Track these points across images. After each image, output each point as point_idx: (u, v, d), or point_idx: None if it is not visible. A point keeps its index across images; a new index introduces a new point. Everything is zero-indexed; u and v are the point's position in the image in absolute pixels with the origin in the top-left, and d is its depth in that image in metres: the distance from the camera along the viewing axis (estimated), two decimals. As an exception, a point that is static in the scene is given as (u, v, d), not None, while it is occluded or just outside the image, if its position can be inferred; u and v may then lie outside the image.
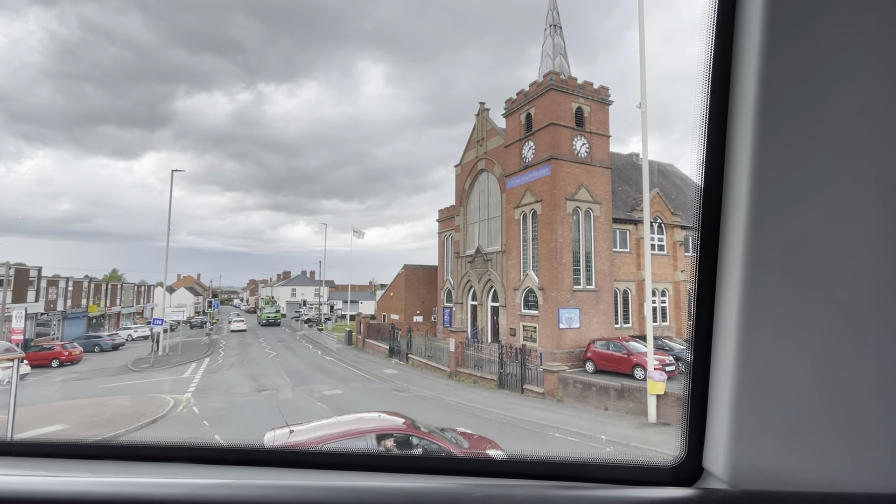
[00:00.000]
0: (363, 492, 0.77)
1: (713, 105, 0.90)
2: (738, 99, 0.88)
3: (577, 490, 0.84)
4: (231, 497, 0.72)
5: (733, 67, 0.87)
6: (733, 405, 0.86)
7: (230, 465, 1.02)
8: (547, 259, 24.80)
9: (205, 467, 0.99)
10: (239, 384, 21.55)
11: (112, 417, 15.40)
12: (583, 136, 25.73)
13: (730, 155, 0.90)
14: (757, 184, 0.83)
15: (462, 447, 8.23)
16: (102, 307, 51.21)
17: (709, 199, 0.92)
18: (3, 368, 18.37)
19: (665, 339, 23.08)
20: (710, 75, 0.89)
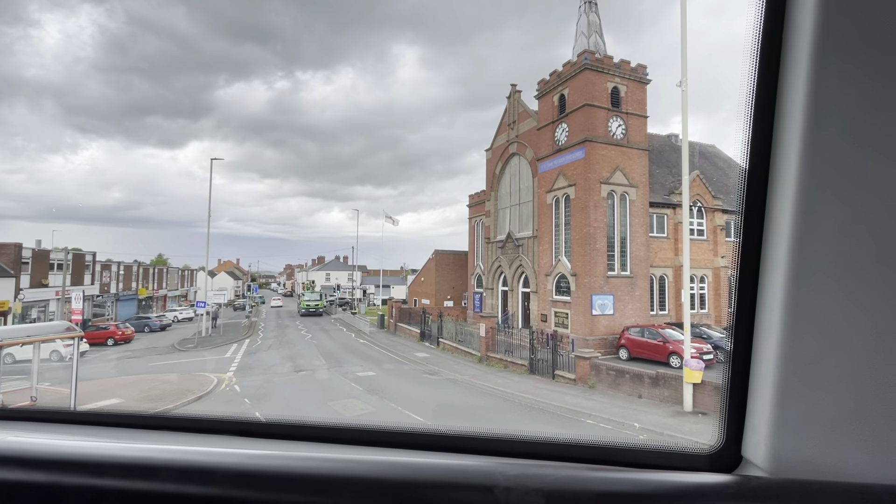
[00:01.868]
0: (397, 466, 0.80)
1: (761, 80, 0.86)
2: (788, 73, 0.83)
3: (609, 472, 0.84)
4: (274, 467, 0.77)
5: (784, 39, 0.82)
6: (776, 393, 0.84)
7: (272, 439, 1.08)
8: (580, 244, 24.35)
9: (249, 440, 1.06)
10: (277, 364, 22.44)
11: (162, 393, 16.39)
12: (619, 117, 24.88)
13: (777, 133, 0.85)
14: (806, 164, 0.79)
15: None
16: (150, 290, 54.14)
17: (753, 181, 0.89)
18: (65, 346, 19.80)
19: (703, 326, 22.37)
20: (759, 48, 0.84)
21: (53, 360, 20.24)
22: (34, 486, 0.74)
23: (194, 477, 0.74)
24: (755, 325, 0.90)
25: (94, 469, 0.75)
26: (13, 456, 0.76)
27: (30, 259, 33.47)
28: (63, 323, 17.91)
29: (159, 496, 0.73)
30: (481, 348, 23.42)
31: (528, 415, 14.47)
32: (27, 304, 32.75)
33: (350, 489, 0.75)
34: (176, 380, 19.07)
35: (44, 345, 13.19)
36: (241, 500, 0.73)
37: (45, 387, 13.64)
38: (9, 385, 12.78)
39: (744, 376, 0.92)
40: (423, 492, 0.76)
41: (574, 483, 0.79)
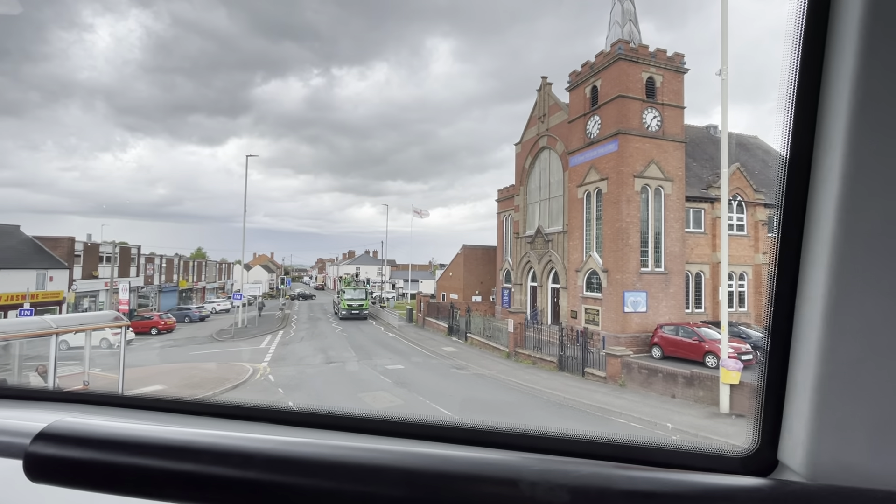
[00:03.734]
0: (424, 457, 0.81)
1: (804, 67, 0.81)
2: (832, 59, 0.78)
3: (637, 471, 0.83)
4: (308, 454, 0.80)
5: (829, 22, 0.78)
6: (816, 395, 0.80)
7: (305, 428, 1.12)
8: (612, 240, 23.82)
9: (283, 428, 1.11)
10: (309, 356, 23.04)
11: (202, 381, 17.13)
12: (654, 109, 24.10)
13: (821, 123, 0.81)
14: (850, 155, 0.74)
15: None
16: (190, 282, 56.52)
17: (794, 173, 0.84)
18: (114, 334, 20.93)
19: (742, 325, 21.50)
20: (802, 32, 0.80)
21: (103, 347, 21.46)
22: (87, 463, 0.80)
23: (234, 460, 0.79)
24: (794, 324, 0.86)
25: (142, 449, 0.81)
26: (69, 434, 0.83)
27: (81, 252, 35.53)
28: (111, 312, 18.94)
29: (201, 477, 0.78)
30: (509, 344, 23.32)
31: (557, 412, 14.33)
32: (79, 294, 34.81)
33: (379, 477, 0.77)
34: (214, 368, 19.88)
35: (94, 333, 14.01)
36: (277, 483, 0.77)
37: (96, 372, 14.50)
38: (64, 370, 13.65)
39: (781, 377, 0.88)
40: (450, 482, 0.77)
41: (600, 480, 0.78)
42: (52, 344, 11.17)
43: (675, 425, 12.58)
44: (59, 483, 0.81)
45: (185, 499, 0.79)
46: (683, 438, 11.79)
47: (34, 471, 0.81)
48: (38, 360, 13.58)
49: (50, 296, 31.07)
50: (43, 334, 11.18)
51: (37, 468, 0.82)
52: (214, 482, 0.77)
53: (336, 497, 0.76)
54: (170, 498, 0.79)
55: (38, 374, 13.04)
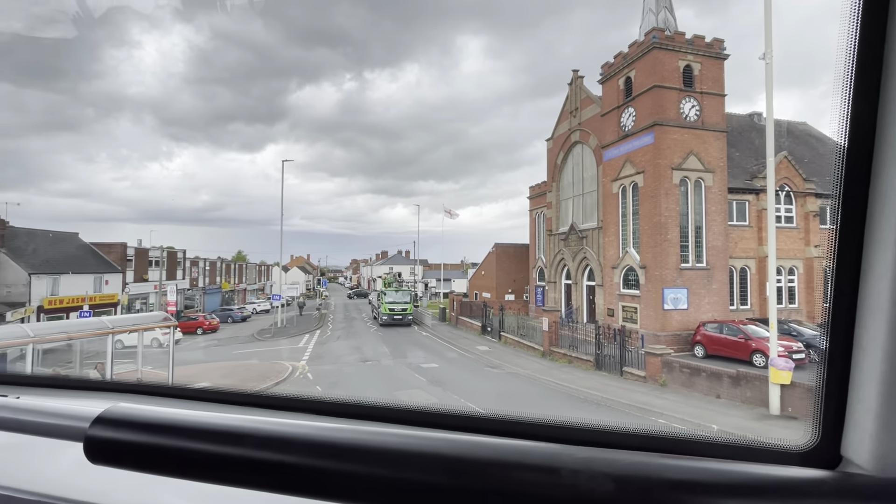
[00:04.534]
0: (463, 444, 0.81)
1: (863, 45, 0.76)
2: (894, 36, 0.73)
3: (686, 461, 0.79)
4: (346, 441, 0.83)
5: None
6: (882, 388, 0.75)
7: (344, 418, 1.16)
8: (649, 235, 23.09)
9: (323, 418, 1.15)
10: (345, 354, 23.53)
11: (245, 378, 17.81)
12: (692, 98, 23.18)
13: (883, 107, 0.76)
14: None
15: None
16: (232, 284, 58.81)
17: (854, 161, 0.79)
18: (163, 334, 22.06)
19: (793, 322, 20.38)
20: (861, 7, 0.75)
21: (154, 346, 22.67)
22: (138, 445, 0.87)
23: (274, 445, 0.82)
24: (857, 316, 0.81)
25: (189, 433, 0.86)
26: (123, 419, 0.90)
27: (133, 257, 37.63)
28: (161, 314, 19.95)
29: (243, 460, 0.82)
30: (544, 343, 23.03)
31: (595, 411, 14.05)
32: (132, 296, 36.89)
33: (418, 463, 0.78)
34: (256, 366, 20.64)
35: (145, 333, 14.83)
36: (316, 468, 0.80)
37: (148, 370, 15.34)
38: (119, 367, 14.51)
39: (843, 371, 0.83)
40: (489, 469, 0.77)
41: (646, 469, 0.75)
42: (109, 343, 11.91)
43: (721, 426, 12.08)
44: (115, 464, 0.87)
45: (229, 481, 0.83)
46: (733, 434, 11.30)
47: (93, 452, 0.88)
48: (96, 357, 14.50)
49: (106, 298, 33.09)
50: (100, 334, 11.93)
51: (95, 450, 0.88)
52: (256, 465, 0.81)
53: (375, 482, 0.78)
54: (215, 479, 0.84)
55: (97, 371, 13.93)
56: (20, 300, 26.55)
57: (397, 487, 0.77)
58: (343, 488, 0.79)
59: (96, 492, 1.07)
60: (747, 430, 11.74)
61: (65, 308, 29.18)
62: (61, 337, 11.69)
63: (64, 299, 29.43)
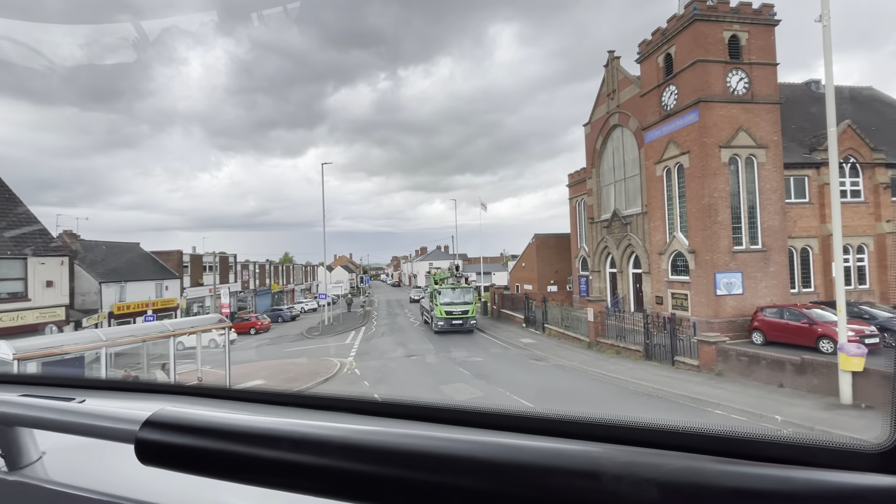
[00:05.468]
0: (500, 447, 0.79)
1: None
2: None
3: (742, 466, 0.71)
4: (381, 443, 0.83)
5: None
6: None
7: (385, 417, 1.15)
8: (698, 218, 22.00)
9: (365, 417, 1.15)
10: (390, 350, 23.95)
11: (296, 375, 18.51)
12: (740, 70, 21.78)
13: None
14: None
15: None
16: (281, 285, 61.20)
17: None
18: (219, 335, 23.27)
19: (864, 305, 18.85)
20: None
21: (211, 347, 23.96)
22: (185, 447, 0.90)
23: (308, 447, 0.83)
24: None
25: (231, 435, 0.89)
26: (169, 422, 0.95)
27: (188, 263, 39.88)
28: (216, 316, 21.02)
29: (279, 463, 0.84)
30: (590, 333, 22.50)
31: (646, 403, 13.60)
32: (189, 300, 39.14)
33: (455, 466, 0.76)
34: (306, 363, 21.39)
35: (203, 334, 15.69)
36: (349, 471, 0.79)
37: (207, 369, 16.23)
38: (182, 367, 15.44)
39: None
40: (526, 473, 0.73)
41: (696, 475, 0.68)
42: (171, 345, 12.69)
43: (786, 417, 11.37)
44: (163, 465, 0.91)
45: (271, 483, 0.84)
46: (797, 432, 10.61)
47: (143, 454, 0.92)
48: (160, 358, 15.50)
49: (167, 303, 35.28)
50: (163, 336, 12.73)
51: (145, 452, 0.92)
52: (289, 467, 0.82)
53: (408, 485, 0.77)
54: (257, 482, 0.86)
55: (163, 371, 14.90)
56: (93, 307, 28.81)
57: (430, 491, 0.76)
58: (375, 492, 0.78)
59: (153, 492, 1.13)
60: (815, 422, 10.99)
61: (131, 313, 31.39)
62: (130, 340, 12.57)
63: (130, 305, 31.66)
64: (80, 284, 28.43)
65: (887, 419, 0.79)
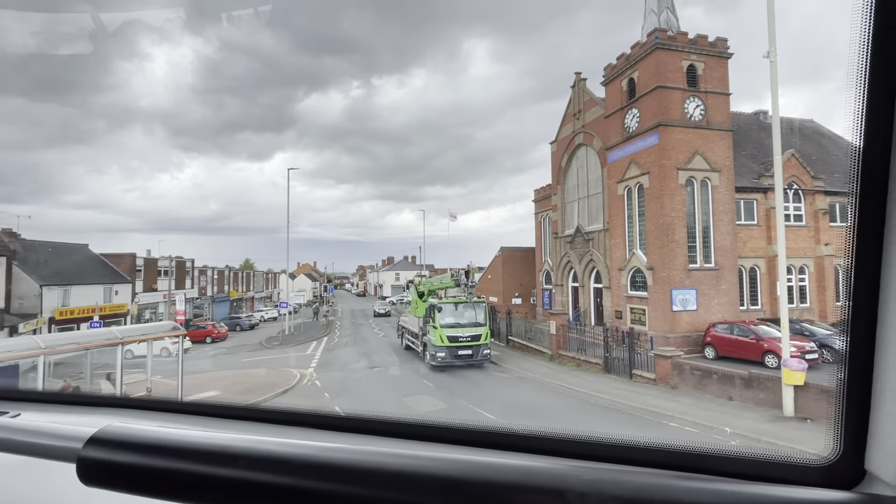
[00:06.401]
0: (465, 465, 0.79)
1: (877, 43, 0.74)
2: None
3: (701, 482, 0.75)
4: (344, 460, 0.80)
5: None
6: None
7: (347, 432, 1.13)
8: (656, 236, 22.94)
9: (325, 433, 1.13)
10: (353, 361, 23.51)
11: (253, 386, 17.84)
12: (696, 97, 23.07)
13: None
14: None
15: None
16: (240, 292, 59.11)
17: (870, 157, 0.77)
18: (172, 343, 22.18)
19: (805, 322, 20.10)
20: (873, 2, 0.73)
21: (163, 355, 22.79)
22: (133, 467, 0.84)
23: (269, 466, 0.80)
24: (878, 318, 0.78)
25: (184, 453, 0.83)
26: (116, 439, 0.88)
27: (142, 267, 37.95)
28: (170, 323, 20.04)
29: (235, 482, 0.79)
30: (552, 346, 22.88)
31: (605, 416, 13.91)
32: (141, 306, 37.17)
33: (418, 485, 0.75)
34: (264, 374, 20.66)
35: (155, 342, 14.91)
36: (311, 490, 0.77)
37: (158, 379, 15.41)
38: (130, 377, 14.59)
39: (866, 377, 0.80)
40: (491, 491, 0.74)
41: (658, 491, 0.71)
42: (119, 353, 11.98)
43: (734, 430, 11.90)
44: (109, 486, 0.85)
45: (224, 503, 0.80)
46: (745, 444, 11.12)
47: (86, 474, 0.85)
48: (107, 367, 14.59)
49: (116, 308, 33.36)
50: (110, 344, 12.01)
51: (88, 472, 0.85)
52: (247, 487, 0.78)
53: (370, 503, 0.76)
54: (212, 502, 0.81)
55: (108, 381, 14.01)
56: (32, 311, 26.84)
57: None
58: None
59: None
60: (762, 434, 11.56)
61: (76, 319, 29.45)
62: (72, 348, 11.78)
63: (75, 310, 29.72)
64: (18, 287, 26.49)
65: (831, 434, 0.85)
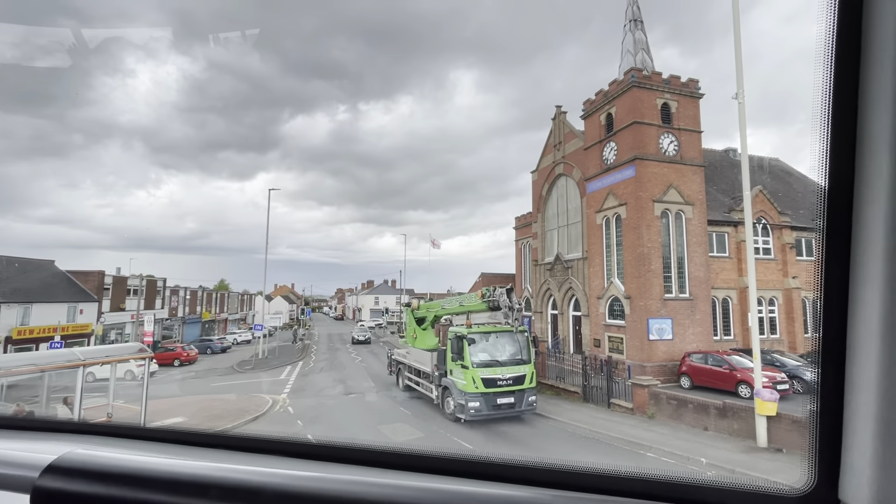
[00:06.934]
0: (444, 494, 0.77)
1: (838, 88, 0.79)
2: (868, 79, 0.77)
3: None
4: (318, 490, 0.77)
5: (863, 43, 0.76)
6: (879, 427, 0.74)
7: (320, 461, 1.09)
8: (633, 266, 23.41)
9: (299, 461, 1.08)
10: (328, 387, 22.88)
11: (222, 413, 17.12)
12: (670, 134, 24.06)
13: (861, 146, 0.78)
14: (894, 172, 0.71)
15: None
16: (213, 314, 57.39)
17: (836, 194, 0.81)
18: (138, 366, 21.26)
19: (775, 353, 20.58)
20: (834, 54, 0.78)
21: (127, 378, 21.77)
22: (93, 498, 0.78)
23: (241, 496, 0.76)
24: (847, 350, 0.81)
25: (148, 483, 0.79)
26: (76, 468, 0.82)
27: (110, 285, 36.61)
28: (136, 344, 19.25)
29: None
30: (531, 374, 22.73)
31: (584, 445, 13.79)
32: (107, 326, 35.66)
33: None
34: (234, 400, 19.88)
35: (119, 364, 14.25)
36: None
37: (120, 404, 14.66)
38: (90, 401, 13.84)
39: (837, 408, 0.81)
40: None
41: None
42: (80, 375, 11.39)
43: (710, 460, 11.93)
44: None
45: None
46: (720, 475, 11.15)
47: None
48: (66, 391, 13.82)
49: (79, 328, 31.91)
50: (71, 366, 11.42)
51: (45, 503, 0.79)
52: None
53: None
54: None
55: (65, 405, 13.24)
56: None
57: None
58: None
59: None
60: (736, 464, 11.62)
61: (35, 339, 28.01)
62: (29, 369, 11.15)
63: (34, 329, 28.30)
64: (-26, 304, 25.17)
65: (804, 465, 0.86)
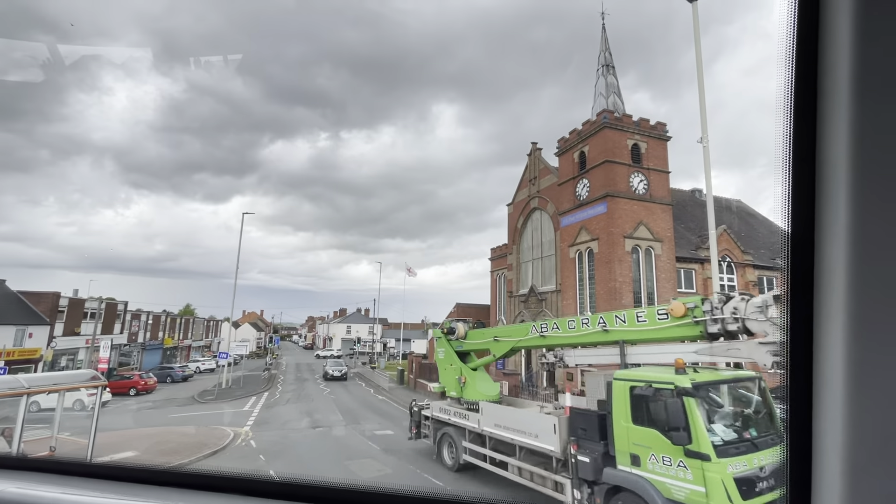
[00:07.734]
0: None
1: (797, 135, 0.83)
2: (826, 126, 0.81)
3: None
4: None
5: (819, 96, 0.81)
6: (848, 471, 0.74)
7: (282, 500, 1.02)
8: (605, 299, 23.79)
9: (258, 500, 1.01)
10: (294, 419, 21.95)
11: (178, 447, 16.11)
12: (640, 173, 25.09)
13: (820, 186, 0.82)
14: (853, 226, 0.74)
15: None
16: (176, 340, 54.93)
17: (797, 237, 0.84)
18: (89, 395, 19.95)
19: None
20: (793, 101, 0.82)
21: (76, 408, 20.37)
22: None
23: None
24: (814, 389, 0.81)
25: None
26: None
27: (66, 308, 34.72)
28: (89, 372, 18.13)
29: None
30: (504, 407, 22.43)
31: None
32: (58, 351, 33.58)
33: None
34: (193, 433, 18.79)
35: (68, 393, 13.34)
36: None
37: (65, 437, 13.62)
38: (31, 434, 12.81)
39: (805, 454, 0.81)
40: None
41: None
42: (22, 405, 10.57)
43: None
44: None
45: None
46: None
47: None
48: (5, 422, 12.77)
49: (27, 353, 29.93)
50: (13, 394, 10.61)
51: None
52: None
53: None
54: None
55: (1, 438, 12.20)
56: (-78, 354, 23.56)
57: None
58: None
59: None
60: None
61: (-24, 364, 26.03)
62: (-35, 398, 10.28)
63: (-24, 354, 26.38)
64: (-90, 325, 23.37)
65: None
